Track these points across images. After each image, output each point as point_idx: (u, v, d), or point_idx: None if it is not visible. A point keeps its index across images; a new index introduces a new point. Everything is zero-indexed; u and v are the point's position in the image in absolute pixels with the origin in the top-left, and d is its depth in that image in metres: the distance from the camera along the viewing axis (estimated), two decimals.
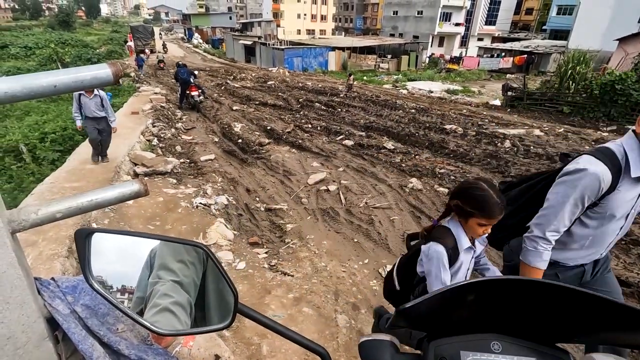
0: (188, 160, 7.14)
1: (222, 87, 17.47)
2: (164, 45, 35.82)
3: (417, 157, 7.54)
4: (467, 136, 8.90)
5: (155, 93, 14.76)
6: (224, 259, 4.08)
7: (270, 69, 26.60)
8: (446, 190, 5.78)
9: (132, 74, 21.86)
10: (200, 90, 11.99)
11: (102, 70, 1.20)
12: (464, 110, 13.82)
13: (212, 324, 0.66)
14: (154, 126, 8.81)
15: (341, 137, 9.03)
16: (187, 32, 52.95)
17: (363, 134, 9.25)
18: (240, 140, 8.73)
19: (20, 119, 13.72)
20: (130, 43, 31.88)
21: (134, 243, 0.67)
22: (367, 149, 8.02)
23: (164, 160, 6.59)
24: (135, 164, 6.52)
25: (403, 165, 7.00)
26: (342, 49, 29.72)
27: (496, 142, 8.37)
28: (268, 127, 9.77)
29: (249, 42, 32.56)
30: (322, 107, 12.76)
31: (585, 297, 0.50)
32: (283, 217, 5.22)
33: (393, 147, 8.02)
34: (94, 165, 6.04)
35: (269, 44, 30.64)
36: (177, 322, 0.64)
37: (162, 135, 8.43)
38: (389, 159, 7.34)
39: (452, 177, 6.37)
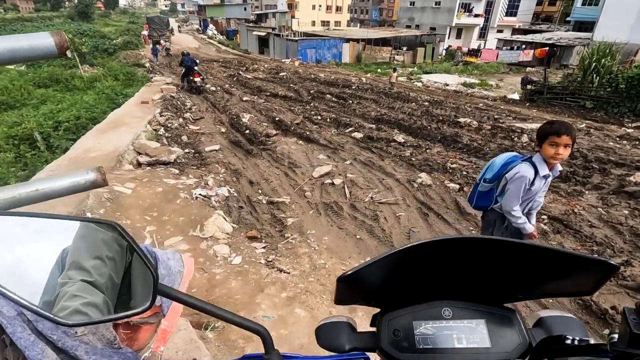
0: (193, 151, 7.00)
1: (234, 78, 17.34)
2: (171, 30, 35.62)
3: (428, 151, 7.22)
4: (482, 130, 8.49)
5: (167, 83, 14.73)
6: (220, 253, 3.91)
7: (283, 60, 26.33)
8: (457, 187, 5.48)
9: (147, 65, 21.99)
10: (201, 77, 13.08)
11: (43, 40, 0.94)
12: (480, 104, 13.31)
13: (135, 308, 0.57)
14: (161, 115, 8.71)
15: (350, 129, 8.76)
16: (202, 24, 52.94)
17: (373, 126, 8.94)
18: (247, 131, 8.55)
19: (36, 108, 13.89)
20: (145, 32, 32.06)
21: (39, 228, 0.57)
22: (376, 142, 7.73)
23: (168, 150, 6.46)
24: (140, 153, 6.42)
25: (413, 159, 6.70)
26: (357, 40, 29.15)
27: (513, 136, 7.95)
28: (277, 119, 9.56)
29: (263, 34, 32.28)
30: (333, 99, 12.47)
31: (523, 248, 0.52)
32: (285, 211, 5.02)
33: (403, 140, 7.70)
34: (97, 154, 5.96)
35: (282, 35, 30.30)
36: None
37: (169, 125, 8.31)
38: (399, 153, 7.04)
39: (464, 173, 6.04)
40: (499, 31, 34.16)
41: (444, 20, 33.97)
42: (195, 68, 13.16)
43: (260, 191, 5.63)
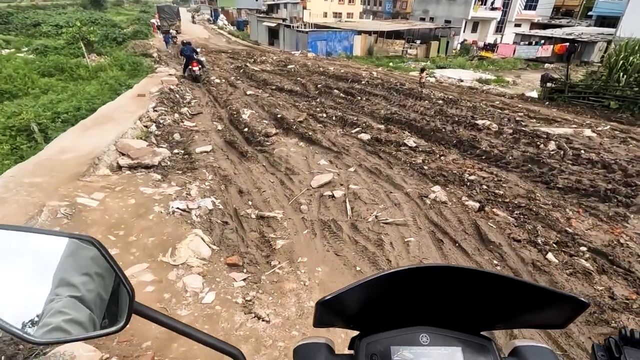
0: (182, 152, 6.27)
1: (241, 70, 16.55)
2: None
3: (442, 157, 6.35)
4: (503, 134, 7.55)
5: (170, 74, 14.02)
6: (191, 287, 3.19)
7: (293, 52, 25.35)
8: (476, 205, 4.62)
9: (155, 55, 21.32)
10: (200, 66, 13.23)
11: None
12: (497, 102, 12.29)
13: (110, 327, 0.56)
14: (154, 110, 8.00)
15: (357, 129, 7.92)
16: (212, 14, 51.86)
17: (382, 126, 8.09)
18: (246, 129, 7.79)
19: (37, 97, 13.37)
20: (154, 20, 31.41)
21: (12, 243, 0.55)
22: (384, 145, 6.89)
23: (152, 152, 5.74)
24: (122, 154, 5.72)
25: (425, 167, 5.85)
26: (369, 33, 27.94)
27: (538, 142, 7.00)
28: (279, 115, 8.77)
29: (273, 25, 31.24)
30: (341, 94, 11.59)
31: (499, 280, 0.52)
32: (275, 229, 4.26)
33: (415, 145, 6.83)
34: (72, 155, 5.27)
35: (293, 26, 29.22)
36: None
37: (161, 121, 7.59)
38: (409, 159, 6.19)
39: (484, 187, 5.19)
40: (517, 25, 32.47)
41: (459, 13, 32.39)
42: (195, 57, 13.19)
43: (250, 202, 4.87)
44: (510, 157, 6.20)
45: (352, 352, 0.59)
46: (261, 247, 3.98)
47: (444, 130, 7.68)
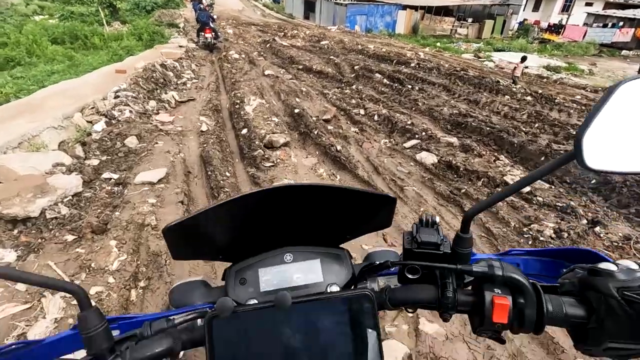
0: (115, 178, 3.37)
1: (267, 45, 13.34)
2: None
3: (604, 232, 3.06)
4: None
5: (181, 46, 11.10)
6: None
7: (329, 27, 21.51)
8: None
9: (181, 25, 18.47)
10: (213, 33, 11.43)
11: None
12: (577, 96, 8.46)
13: None
14: (116, 96, 5.10)
15: (413, 142, 4.70)
16: None
17: (453, 140, 4.74)
18: (244, 131, 4.80)
19: (31, 67, 10.97)
20: None
21: None
22: (466, 181, 3.68)
23: (42, 185, 2.86)
24: None
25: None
26: (415, 8, 23.40)
27: None
28: (297, 110, 5.67)
29: None
30: (385, 80, 8.21)
31: (329, 191, 0.53)
32: None
33: (528, 188, 3.55)
34: None
35: None
36: None
37: (116, 113, 4.69)
38: (531, 224, 2.98)
39: None
40: (588, 4, 26.39)
41: None
42: (210, 24, 11.34)
43: None
44: None
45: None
46: None
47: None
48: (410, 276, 0.52)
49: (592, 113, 0.37)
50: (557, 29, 22.77)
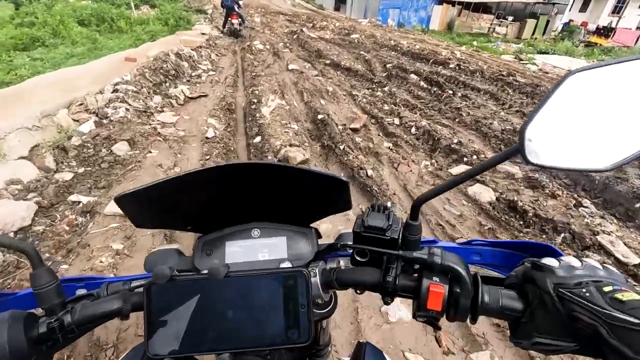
0: (83, 204, 2.60)
1: (295, 36, 12.42)
2: None
3: None
4: None
5: (203, 33, 10.34)
6: None
7: (359, 20, 20.24)
8: None
9: (210, 11, 17.78)
10: (240, 19, 11.05)
11: None
12: None
13: None
14: (114, 90, 4.34)
15: (461, 167, 3.73)
16: None
17: (515, 169, 3.69)
18: (257, 140, 3.98)
19: (51, 48, 10.53)
20: None
21: None
22: (539, 233, 2.71)
23: None
24: None
25: None
26: (452, 3, 21.72)
27: None
28: (321, 116, 4.77)
29: None
30: (422, 82, 7.14)
31: (289, 171, 0.53)
32: None
33: (624, 258, 2.53)
34: None
35: None
36: None
37: (110, 111, 3.92)
38: None
39: None
40: None
41: None
42: (236, 9, 10.91)
43: None
44: None
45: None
46: None
47: None
48: (359, 259, 0.54)
49: (538, 106, 0.37)
50: (606, 32, 20.60)
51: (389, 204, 0.56)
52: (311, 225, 0.61)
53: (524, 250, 0.57)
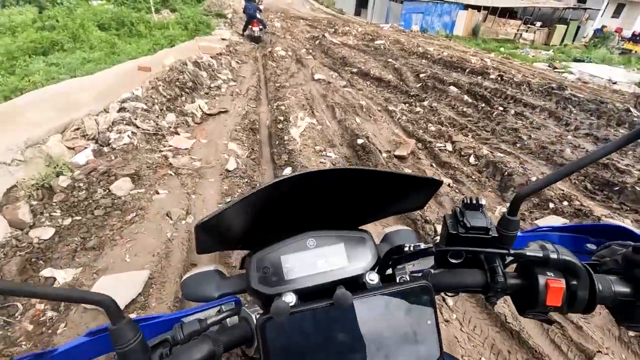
0: (59, 284, 1.85)
1: (317, 42, 11.65)
2: None
3: None
4: None
5: (223, 39, 9.67)
6: None
7: (381, 25, 19.31)
8: None
9: (229, 16, 17.22)
10: (261, 26, 10.72)
11: None
12: None
13: None
14: (121, 108, 3.61)
15: (552, 218, 2.85)
16: None
17: (609, 212, 2.86)
18: (285, 171, 3.20)
19: (69, 53, 10.04)
20: None
21: None
22: None
23: None
24: None
25: None
26: (478, 8, 20.54)
27: None
28: (360, 141, 3.94)
29: None
30: (465, 96, 6.21)
31: (367, 173, 0.50)
32: None
33: None
34: None
35: None
36: None
37: (112, 137, 3.19)
38: None
39: None
40: None
41: None
42: (257, 16, 10.51)
43: None
44: None
45: (244, 271, 0.54)
46: None
47: None
48: (453, 261, 0.50)
49: None
50: None
51: (482, 201, 0.47)
52: (360, 228, 0.57)
53: (590, 234, 0.55)
